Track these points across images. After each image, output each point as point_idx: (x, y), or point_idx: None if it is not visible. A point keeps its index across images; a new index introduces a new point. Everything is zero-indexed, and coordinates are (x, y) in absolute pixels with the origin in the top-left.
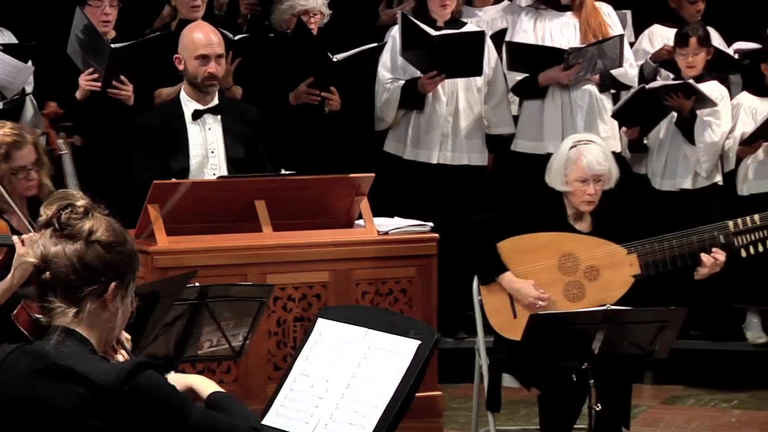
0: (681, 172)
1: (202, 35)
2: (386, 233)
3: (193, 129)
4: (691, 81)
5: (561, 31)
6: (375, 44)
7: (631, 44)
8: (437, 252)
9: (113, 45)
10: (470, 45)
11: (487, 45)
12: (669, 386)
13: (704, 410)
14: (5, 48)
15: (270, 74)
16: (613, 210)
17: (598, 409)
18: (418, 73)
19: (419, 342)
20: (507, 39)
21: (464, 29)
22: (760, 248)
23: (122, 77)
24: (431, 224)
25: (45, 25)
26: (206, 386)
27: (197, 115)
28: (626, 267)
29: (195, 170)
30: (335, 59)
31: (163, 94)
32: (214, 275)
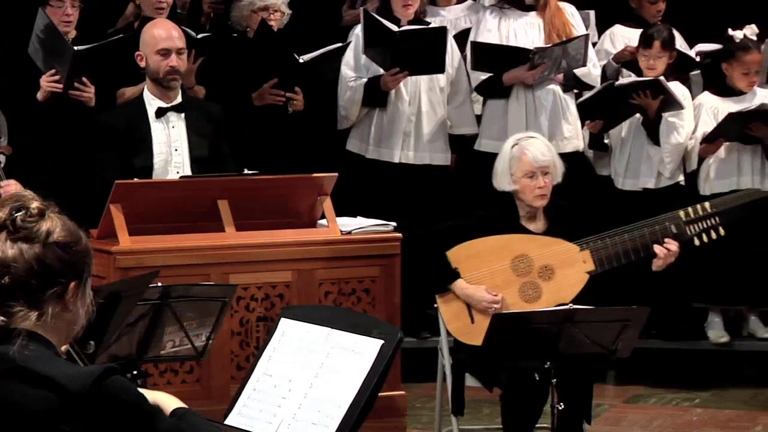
0: (644, 172)
1: (163, 30)
2: (349, 233)
3: (157, 127)
4: (662, 78)
5: (525, 31)
6: (340, 44)
7: (594, 44)
8: (400, 251)
9: (76, 47)
10: (432, 41)
11: (451, 44)
12: (631, 386)
13: (666, 409)
14: None
15: (233, 74)
16: (567, 209)
17: (561, 408)
18: (381, 71)
19: (382, 341)
20: (471, 39)
21: None
22: (713, 235)
23: (84, 79)
24: (394, 224)
25: (5, 25)
26: (170, 403)
27: (161, 113)
28: (580, 264)
29: (159, 168)
30: (301, 60)
31: (127, 94)
32: (177, 275)
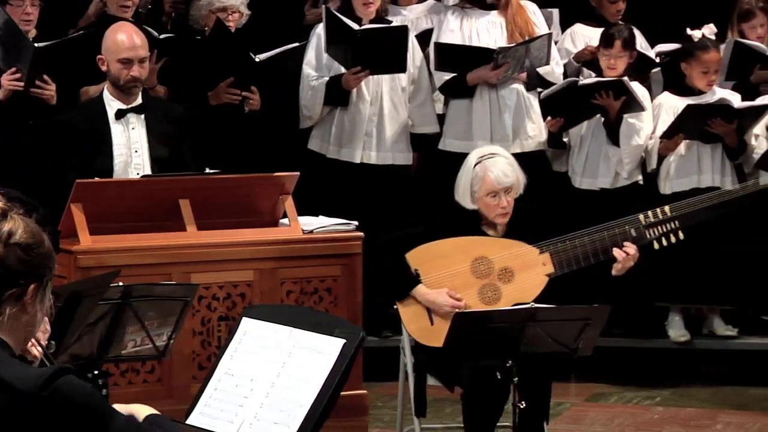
0: (602, 171)
1: (126, 38)
2: (311, 232)
3: (117, 128)
4: (625, 79)
5: (488, 30)
6: (297, 44)
7: (555, 42)
8: (362, 251)
9: (37, 44)
10: (393, 40)
11: (413, 44)
12: (592, 384)
13: (627, 407)
14: None
15: (192, 74)
16: (526, 211)
17: (522, 407)
18: (343, 70)
19: (344, 341)
20: (434, 39)
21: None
22: (673, 239)
23: (45, 77)
24: (356, 223)
25: None
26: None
27: (120, 115)
28: (540, 266)
29: (119, 170)
30: (258, 59)
31: (90, 92)
32: (138, 275)
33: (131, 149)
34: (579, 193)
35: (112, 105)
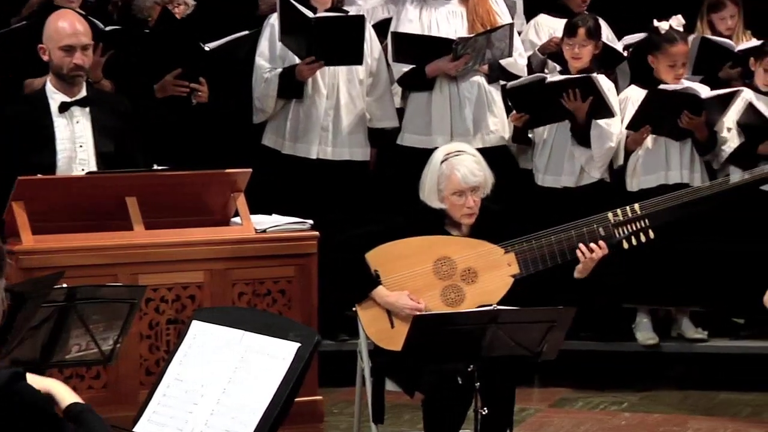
0: (566, 169)
1: (67, 25)
2: (264, 231)
3: (60, 122)
4: (594, 76)
5: (448, 20)
6: (247, 32)
7: (519, 33)
8: (317, 251)
9: None
10: (349, 29)
11: (370, 34)
12: (557, 389)
13: (593, 413)
14: None
15: (139, 66)
16: (488, 209)
17: (485, 413)
18: (298, 61)
19: (299, 344)
20: (392, 29)
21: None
22: (642, 238)
23: None
24: (311, 222)
25: None
26: (65, 395)
27: (64, 108)
28: (505, 267)
29: (63, 165)
30: (207, 48)
31: (34, 84)
32: (83, 276)
33: (75, 144)
34: (542, 191)
35: (56, 98)
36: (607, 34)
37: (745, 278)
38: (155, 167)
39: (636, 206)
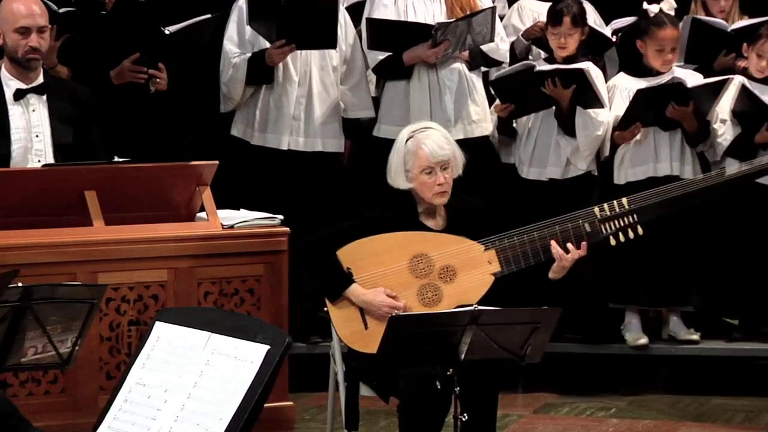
0: (552, 161)
1: (23, 6)
2: (231, 227)
3: (15, 111)
4: (587, 69)
5: (425, 4)
6: (209, 15)
7: (501, 18)
8: (288, 248)
9: None
10: (322, 12)
11: (344, 18)
12: (541, 394)
13: (580, 419)
14: None
15: (96, 51)
16: (469, 203)
17: (464, 420)
18: (268, 46)
19: (268, 347)
20: (366, 15)
21: None
22: (631, 235)
23: None
24: (281, 217)
25: None
26: None
27: (20, 95)
28: (485, 265)
29: (17, 156)
30: (167, 32)
31: None
32: (39, 274)
33: (31, 134)
34: (526, 184)
35: (11, 84)
36: (595, 18)
37: (739, 277)
38: (116, 159)
39: (624, 200)
